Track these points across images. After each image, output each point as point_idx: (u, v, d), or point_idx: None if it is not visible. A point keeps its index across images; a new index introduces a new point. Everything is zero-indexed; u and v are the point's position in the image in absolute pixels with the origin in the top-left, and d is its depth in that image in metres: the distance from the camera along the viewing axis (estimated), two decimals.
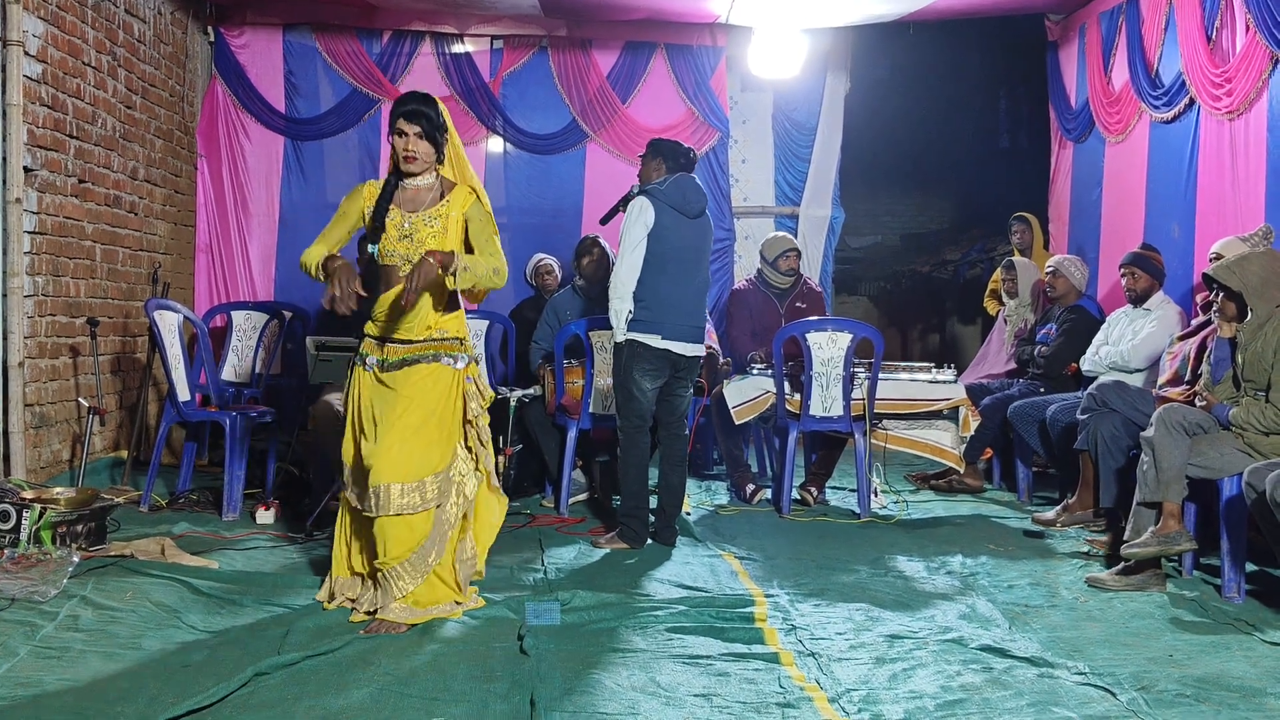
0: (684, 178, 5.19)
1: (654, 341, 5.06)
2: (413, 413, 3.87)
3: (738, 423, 6.19)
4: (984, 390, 6.70)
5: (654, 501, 5.24)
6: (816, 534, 5.56)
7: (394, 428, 3.84)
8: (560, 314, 6.45)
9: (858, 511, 5.97)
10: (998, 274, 7.60)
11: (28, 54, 5.45)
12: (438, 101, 3.97)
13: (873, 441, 6.01)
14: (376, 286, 3.92)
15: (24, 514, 4.47)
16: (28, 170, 5.47)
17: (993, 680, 3.38)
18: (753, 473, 6.69)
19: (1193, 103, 6.03)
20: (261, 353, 7.05)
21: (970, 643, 3.73)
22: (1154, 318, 5.81)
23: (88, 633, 3.68)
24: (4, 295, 5.38)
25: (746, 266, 8.19)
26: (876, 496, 6.13)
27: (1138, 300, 5.93)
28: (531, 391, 6.11)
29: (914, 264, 11.90)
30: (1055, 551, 5.20)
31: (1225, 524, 4.36)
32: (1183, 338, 5.27)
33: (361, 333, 4.04)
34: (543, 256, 7.39)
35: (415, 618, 3.81)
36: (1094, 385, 5.56)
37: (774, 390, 6.06)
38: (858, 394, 5.93)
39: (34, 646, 3.51)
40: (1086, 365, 6.09)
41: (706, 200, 5.30)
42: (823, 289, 7.76)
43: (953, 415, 6.31)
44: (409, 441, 3.84)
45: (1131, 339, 5.84)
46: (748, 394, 6.16)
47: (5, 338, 5.37)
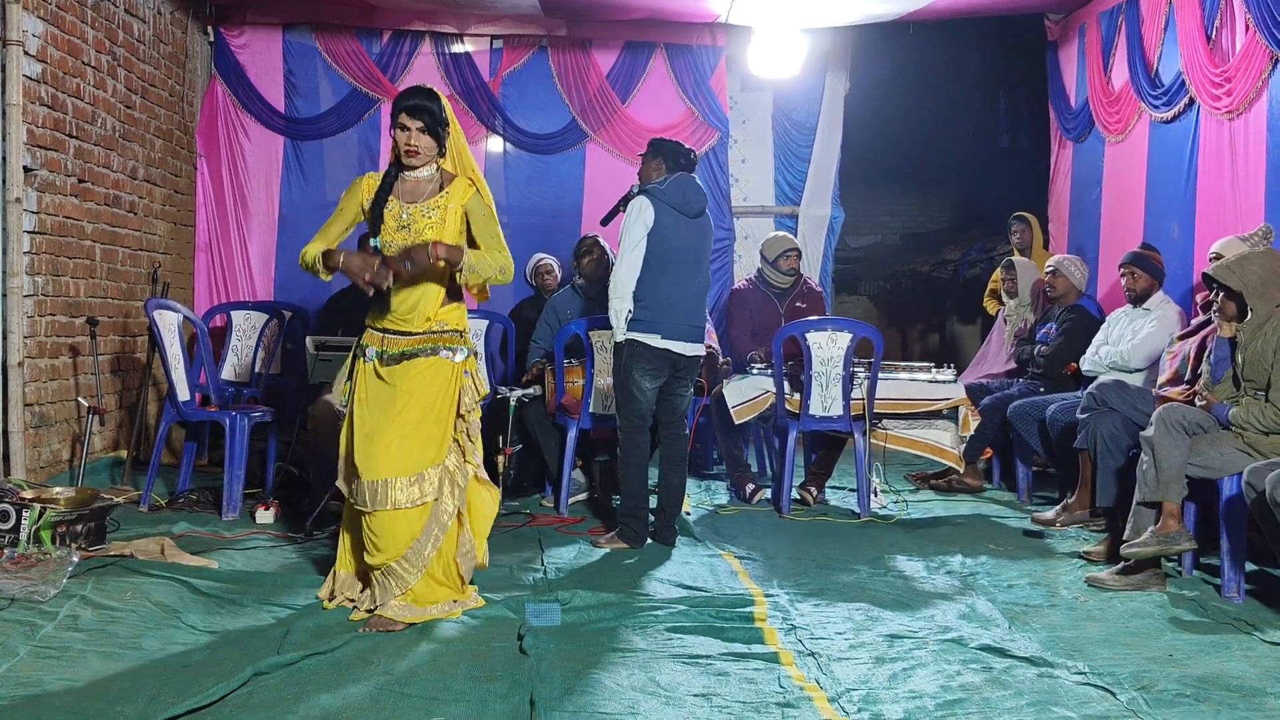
0: (684, 177, 5.19)
1: (654, 341, 5.06)
2: (412, 408, 3.88)
3: (737, 422, 6.19)
4: (984, 390, 6.70)
5: (654, 501, 5.24)
6: (816, 534, 5.56)
7: (394, 423, 3.85)
8: (560, 313, 6.45)
9: (857, 511, 5.98)
10: (997, 274, 7.60)
11: (27, 54, 5.45)
12: (441, 96, 3.95)
13: (872, 441, 6.01)
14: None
15: (24, 514, 4.47)
16: (27, 170, 5.47)
17: (992, 680, 3.38)
18: (752, 472, 6.69)
19: (1192, 102, 6.03)
20: (261, 352, 7.05)
21: (970, 642, 3.73)
22: (1154, 317, 5.81)
23: (87, 632, 3.68)
24: (4, 295, 5.37)
25: (746, 266, 8.19)
26: (876, 496, 6.13)
27: (1137, 300, 5.92)
28: (531, 391, 6.12)
29: (914, 264, 11.89)
30: (1055, 551, 5.20)
31: (1225, 524, 4.36)
32: (1182, 337, 5.27)
33: (362, 325, 4.05)
34: (542, 256, 7.39)
35: (414, 616, 3.81)
36: (1094, 385, 5.55)
37: (774, 390, 6.06)
38: (857, 394, 5.93)
39: (34, 646, 3.51)
40: (1086, 365, 6.09)
41: (706, 200, 5.30)
42: (823, 289, 7.76)
43: (952, 415, 6.31)
44: (409, 437, 3.85)
45: (1131, 339, 5.83)
46: (747, 394, 6.16)
47: (5, 337, 5.37)
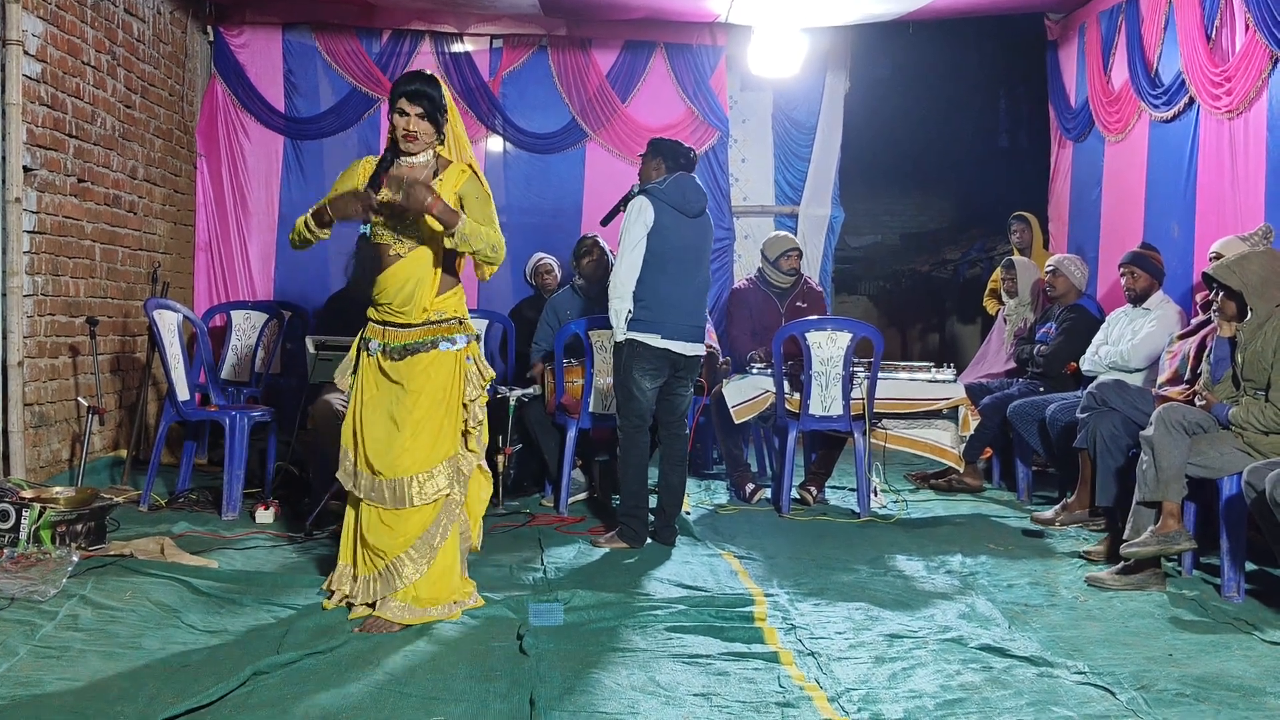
0: (684, 177, 5.19)
1: (654, 341, 5.06)
2: (420, 406, 3.89)
3: (737, 422, 6.18)
4: (983, 390, 6.69)
5: (654, 501, 5.24)
6: (816, 533, 5.56)
7: (405, 424, 3.87)
8: (560, 313, 6.45)
9: (857, 511, 5.98)
10: (997, 273, 7.60)
11: (27, 53, 5.45)
12: (440, 82, 3.93)
13: (872, 441, 6.01)
14: (372, 268, 3.95)
15: (23, 513, 4.47)
16: (27, 169, 5.47)
17: (992, 679, 3.38)
18: (752, 472, 6.69)
19: (1192, 102, 6.03)
20: (261, 352, 7.05)
21: (970, 642, 3.73)
22: (1153, 317, 5.81)
23: (87, 632, 3.68)
24: (3, 295, 5.37)
25: (746, 266, 8.19)
26: (876, 496, 6.13)
27: (1137, 300, 5.92)
28: (531, 391, 6.12)
29: (914, 263, 11.90)
30: (1055, 551, 5.20)
31: (1225, 523, 4.36)
32: (1182, 337, 5.27)
33: (364, 319, 4.06)
34: (542, 256, 7.39)
35: (413, 618, 3.81)
36: (1094, 384, 5.55)
37: (773, 390, 6.06)
38: (857, 393, 5.93)
39: (34, 646, 3.51)
40: (1086, 365, 6.09)
41: (706, 200, 5.30)
42: (823, 288, 7.76)
43: (952, 415, 6.31)
44: (420, 435, 3.88)
45: (1131, 338, 5.83)
46: (747, 393, 6.16)
47: (5, 337, 5.37)
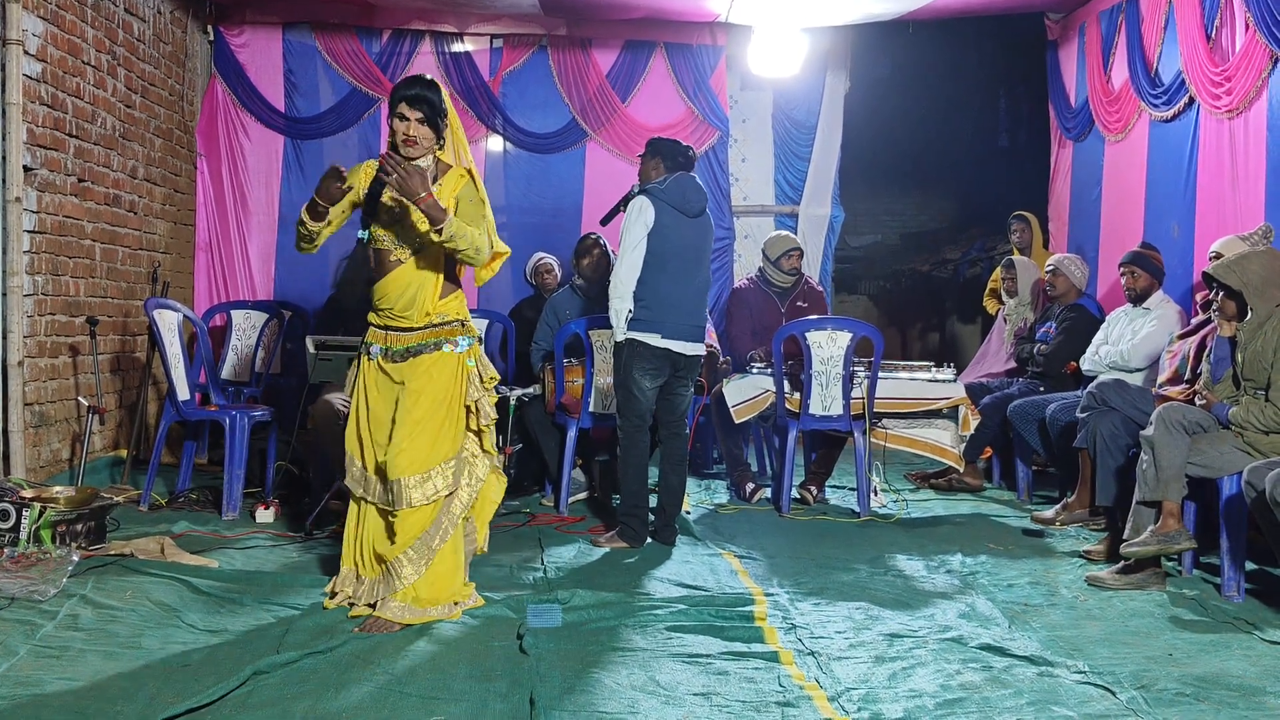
0: (684, 177, 5.19)
1: (654, 340, 5.06)
2: (420, 406, 3.89)
3: (737, 422, 6.18)
4: (983, 389, 6.69)
5: (654, 500, 5.24)
6: (816, 533, 5.56)
7: (403, 424, 3.87)
8: (560, 313, 6.45)
9: (857, 510, 5.98)
10: (997, 273, 7.60)
11: (27, 53, 5.45)
12: (440, 86, 3.94)
13: (872, 440, 6.01)
14: (371, 274, 3.96)
15: (24, 513, 4.47)
16: (27, 169, 5.47)
17: (992, 679, 3.38)
18: (752, 472, 6.69)
19: (1192, 101, 6.03)
20: (261, 352, 7.05)
21: (970, 641, 3.73)
22: (1153, 317, 5.81)
23: (87, 632, 3.68)
24: (4, 294, 5.37)
25: (746, 265, 8.19)
26: (876, 495, 6.13)
27: (1137, 299, 5.92)
28: (531, 391, 6.12)
29: (914, 263, 11.89)
30: (1055, 550, 5.20)
31: (1225, 523, 4.36)
32: (1182, 336, 5.27)
33: (365, 323, 4.06)
34: (542, 255, 7.38)
35: (413, 618, 3.81)
36: (1094, 384, 5.55)
37: (774, 389, 6.06)
38: (857, 393, 5.93)
39: (34, 646, 3.51)
40: (1086, 364, 6.09)
41: (706, 199, 5.30)
42: (823, 288, 7.76)
43: (952, 414, 6.32)
44: (417, 436, 3.86)
45: (1131, 338, 5.83)
46: (747, 393, 6.16)
47: (5, 337, 5.37)
